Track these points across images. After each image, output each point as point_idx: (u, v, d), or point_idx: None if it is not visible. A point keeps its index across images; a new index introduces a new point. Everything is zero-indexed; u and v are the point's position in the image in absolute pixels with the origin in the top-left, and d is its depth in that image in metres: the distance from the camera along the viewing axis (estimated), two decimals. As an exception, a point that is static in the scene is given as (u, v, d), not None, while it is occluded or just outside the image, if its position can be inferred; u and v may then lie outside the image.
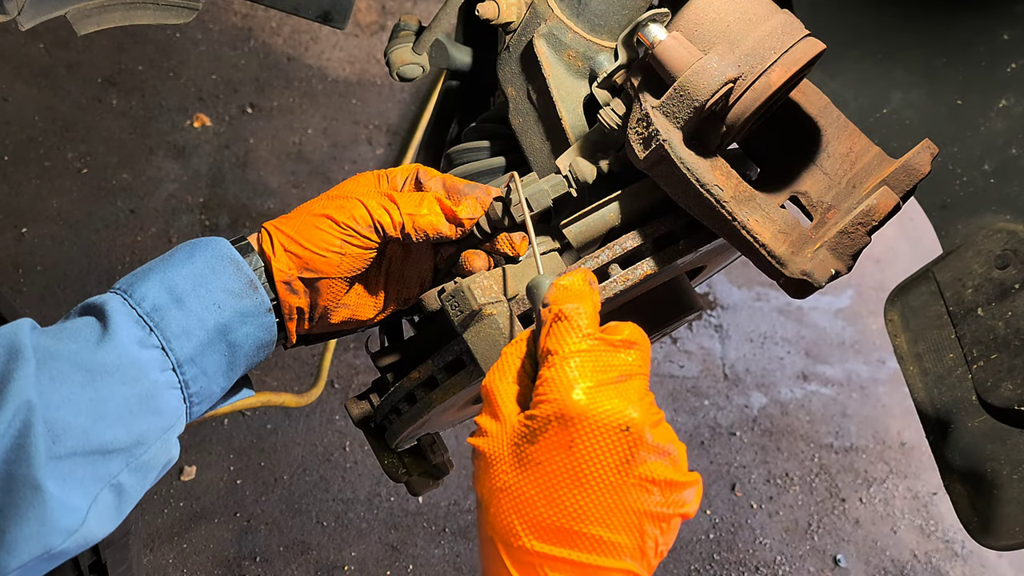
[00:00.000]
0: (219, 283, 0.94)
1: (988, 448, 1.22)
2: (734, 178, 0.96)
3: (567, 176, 1.04)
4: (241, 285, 0.95)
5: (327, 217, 0.98)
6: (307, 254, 0.98)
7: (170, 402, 0.91)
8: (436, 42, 1.17)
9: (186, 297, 0.92)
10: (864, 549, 2.82)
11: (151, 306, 0.91)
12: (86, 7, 1.11)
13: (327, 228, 0.98)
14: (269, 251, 0.98)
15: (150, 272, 0.94)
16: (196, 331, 0.92)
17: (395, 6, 3.33)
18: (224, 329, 0.94)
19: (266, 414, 2.59)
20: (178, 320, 0.91)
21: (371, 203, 0.99)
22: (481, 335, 0.93)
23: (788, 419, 3.00)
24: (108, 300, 0.91)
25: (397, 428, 1.13)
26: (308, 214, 0.99)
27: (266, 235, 0.99)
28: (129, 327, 0.89)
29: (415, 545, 2.51)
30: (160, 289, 0.92)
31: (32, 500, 0.80)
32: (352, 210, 0.98)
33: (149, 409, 0.88)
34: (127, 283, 0.93)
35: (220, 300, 0.93)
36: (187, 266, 0.94)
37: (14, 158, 2.71)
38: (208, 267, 0.95)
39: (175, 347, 0.91)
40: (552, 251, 1.09)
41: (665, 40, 0.93)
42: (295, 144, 2.97)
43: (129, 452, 0.87)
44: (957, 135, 1.28)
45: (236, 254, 0.97)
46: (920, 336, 1.30)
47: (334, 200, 1.00)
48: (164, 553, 2.35)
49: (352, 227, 0.98)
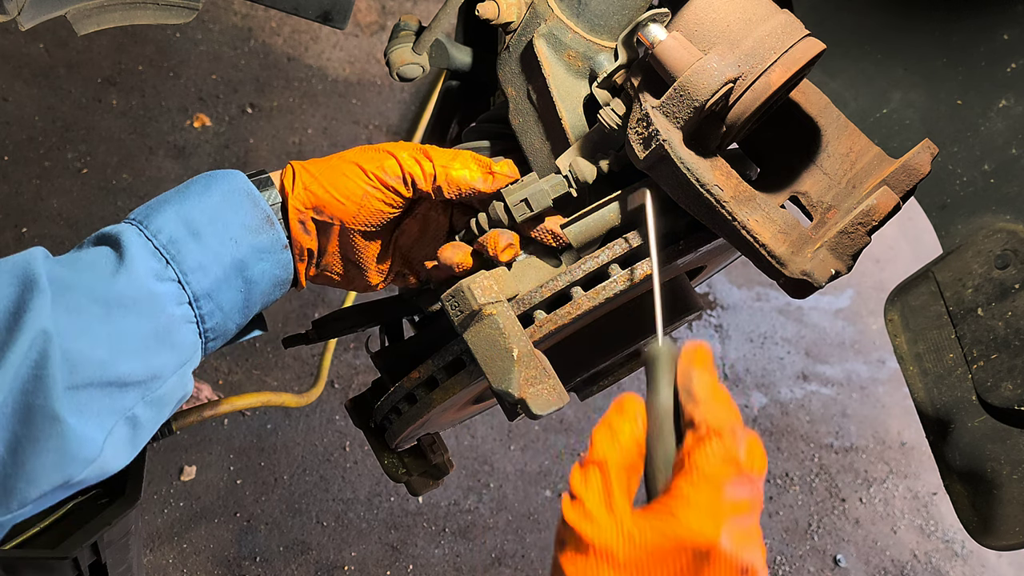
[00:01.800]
0: (236, 218, 0.93)
1: (988, 448, 1.22)
2: (734, 178, 0.96)
3: (567, 176, 1.04)
4: (258, 220, 0.94)
5: (356, 164, 0.97)
6: (327, 197, 0.97)
7: (186, 336, 0.90)
8: (436, 42, 1.17)
9: (203, 231, 0.91)
10: (864, 549, 2.82)
11: (167, 238, 0.89)
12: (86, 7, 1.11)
13: (352, 175, 0.97)
14: (289, 187, 0.97)
15: (166, 204, 0.92)
16: (212, 266, 0.90)
17: (395, 6, 3.33)
18: (241, 265, 0.92)
19: (266, 414, 2.59)
20: (195, 254, 0.89)
21: (403, 155, 0.97)
22: (481, 335, 0.93)
23: (788, 419, 3.00)
24: (124, 231, 0.89)
25: (397, 428, 1.13)
26: (339, 159, 0.98)
27: (289, 171, 0.98)
28: (146, 259, 0.87)
29: (415, 545, 2.51)
30: (176, 221, 0.90)
31: (51, 431, 0.79)
32: (382, 160, 0.97)
33: (165, 343, 0.87)
34: (142, 214, 0.91)
35: (237, 235, 0.92)
36: (204, 199, 0.93)
37: (14, 158, 2.71)
38: (225, 201, 0.93)
39: (191, 281, 0.89)
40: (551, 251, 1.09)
41: (665, 40, 0.93)
42: (295, 144, 2.97)
43: (145, 385, 0.86)
44: (957, 135, 1.28)
45: (253, 188, 0.95)
46: (920, 336, 1.30)
47: (367, 151, 0.99)
48: (164, 553, 2.35)
49: (379, 177, 0.97)
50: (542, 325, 0.99)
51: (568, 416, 2.81)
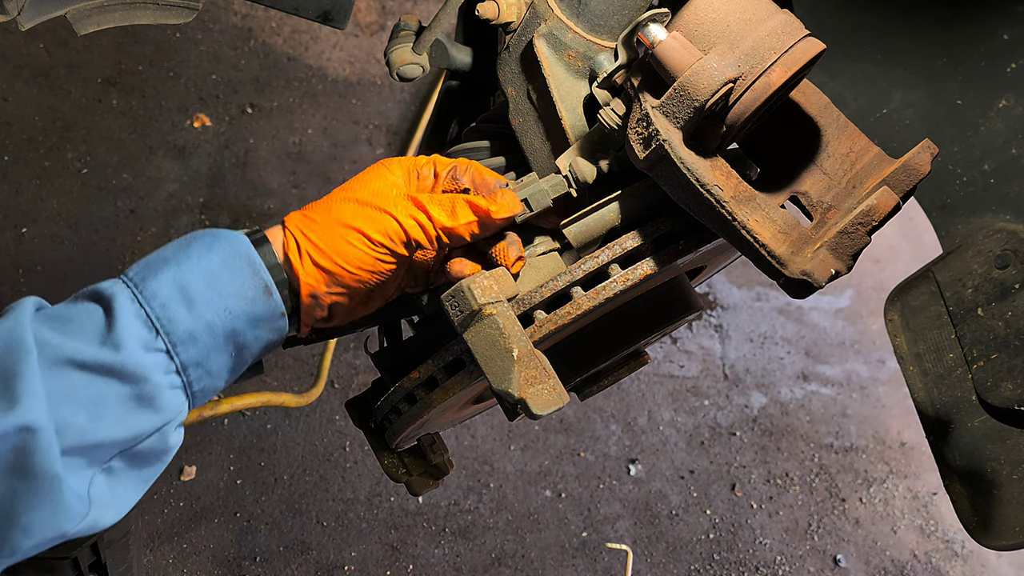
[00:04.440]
0: (234, 286, 0.91)
1: (988, 448, 1.22)
2: (734, 178, 0.96)
3: (567, 176, 1.04)
4: (256, 290, 0.92)
5: (359, 232, 0.95)
6: (338, 270, 0.96)
7: (171, 401, 0.90)
8: (436, 42, 1.17)
9: (197, 299, 0.90)
10: (864, 549, 2.82)
11: (160, 305, 0.89)
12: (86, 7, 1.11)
13: (359, 244, 0.95)
14: (296, 259, 0.95)
15: (164, 265, 0.91)
16: (204, 335, 0.90)
17: (395, 6, 3.33)
18: (233, 334, 0.92)
19: (266, 414, 2.59)
20: (186, 324, 0.89)
21: (403, 217, 0.96)
22: (481, 335, 0.93)
23: (788, 419, 3.00)
24: (117, 293, 0.89)
25: (397, 428, 1.13)
26: (338, 224, 0.96)
27: (292, 241, 0.96)
28: (136, 328, 0.87)
29: (415, 545, 2.51)
30: (172, 287, 0.89)
31: (49, 488, 0.81)
32: (384, 224, 0.96)
33: (148, 407, 0.88)
34: (140, 274, 0.91)
35: (232, 306, 0.91)
36: (203, 262, 0.91)
37: (14, 158, 2.71)
38: (224, 266, 0.92)
39: (181, 352, 0.89)
40: (552, 251, 1.09)
41: (665, 40, 0.93)
42: (295, 144, 2.97)
43: (124, 443, 0.87)
44: (957, 135, 1.28)
45: (255, 255, 0.93)
46: (920, 336, 1.30)
47: (364, 209, 0.96)
48: (164, 553, 2.35)
49: (386, 245, 0.96)
50: (542, 325, 0.99)
51: (568, 416, 2.81)
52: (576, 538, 2.63)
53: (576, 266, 1.00)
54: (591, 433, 2.80)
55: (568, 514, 2.66)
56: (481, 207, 0.98)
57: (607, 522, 2.67)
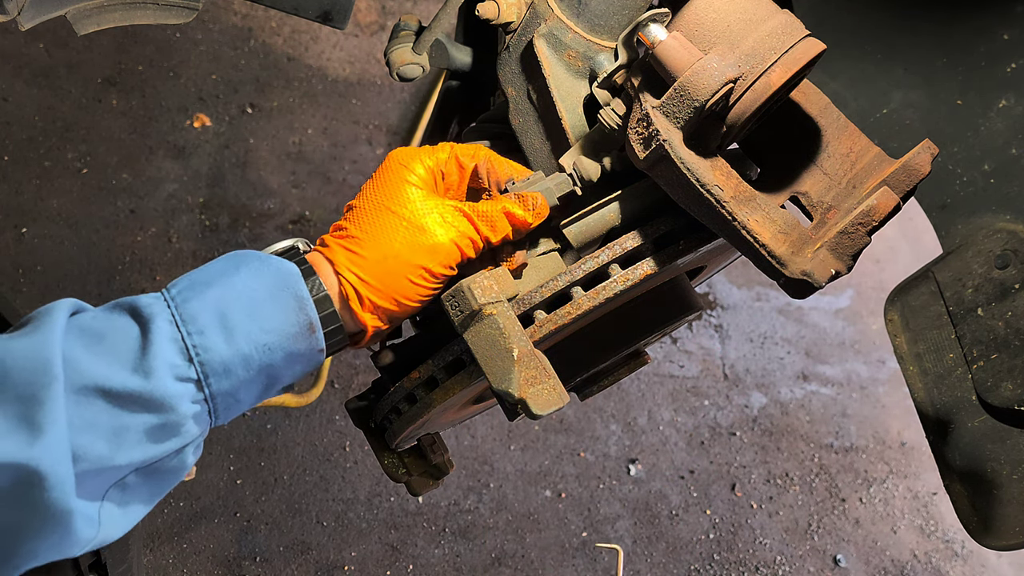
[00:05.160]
0: (276, 321, 0.88)
1: (988, 448, 1.22)
2: (734, 178, 0.96)
3: (572, 174, 1.04)
4: (300, 327, 0.90)
5: (424, 269, 0.95)
6: (402, 308, 0.96)
7: (194, 427, 0.88)
8: (436, 42, 1.17)
9: (237, 329, 0.86)
10: (864, 549, 2.82)
11: (198, 331, 0.85)
12: (86, 7, 1.11)
13: (423, 282, 0.96)
14: (358, 308, 0.94)
15: (208, 287, 0.88)
16: (239, 370, 0.87)
17: (395, 6, 3.33)
18: (268, 368, 0.89)
19: (266, 414, 2.59)
20: (222, 355, 0.86)
21: (459, 239, 0.96)
22: (481, 335, 0.93)
23: (788, 419, 3.00)
24: (156, 314, 0.85)
25: (397, 428, 1.13)
26: (396, 261, 0.94)
27: (351, 290, 0.94)
28: (169, 354, 0.84)
29: (415, 545, 2.51)
30: (212, 313, 0.86)
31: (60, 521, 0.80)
32: (447, 257, 0.96)
33: (171, 434, 0.86)
34: (183, 293, 0.87)
35: (272, 342, 0.88)
36: (248, 290, 0.88)
37: (14, 158, 2.71)
38: (270, 297, 0.89)
39: (213, 383, 0.86)
40: (552, 251, 1.09)
41: (665, 40, 0.93)
42: (295, 144, 2.97)
43: (142, 463, 0.86)
44: (957, 135, 1.28)
45: (303, 290, 0.90)
46: (920, 336, 1.30)
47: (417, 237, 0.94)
48: (164, 553, 2.35)
49: (446, 274, 0.97)
50: (542, 325, 0.99)
51: (568, 416, 2.81)
52: (576, 538, 2.63)
53: (576, 266, 1.00)
54: (591, 433, 2.80)
55: (568, 514, 2.66)
56: (518, 218, 0.99)
57: (607, 522, 2.67)
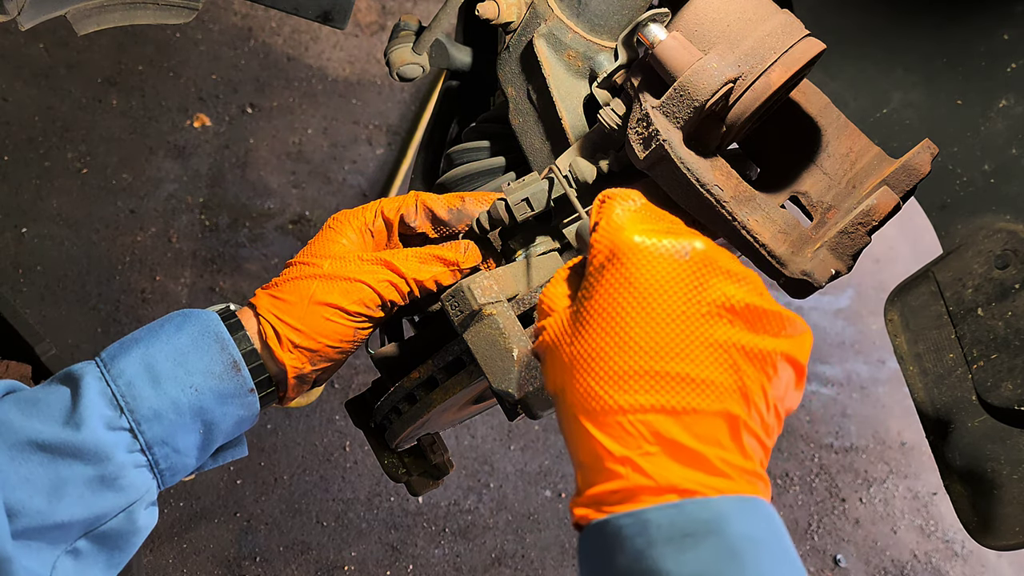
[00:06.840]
0: (201, 363, 0.92)
1: (988, 448, 1.22)
2: (734, 178, 0.96)
3: (567, 176, 1.04)
4: (223, 366, 0.93)
5: (336, 308, 0.96)
6: (322, 348, 0.97)
7: (136, 480, 0.90)
8: (436, 42, 1.17)
9: (163, 376, 0.90)
10: (864, 549, 2.82)
11: (126, 383, 0.89)
12: (86, 7, 1.11)
13: (338, 319, 0.97)
14: (276, 346, 0.96)
15: (135, 344, 0.92)
16: (169, 414, 0.90)
17: (395, 6, 3.33)
18: (200, 411, 0.92)
19: (266, 414, 2.59)
20: (151, 402, 0.89)
21: (376, 282, 0.97)
22: (481, 335, 0.93)
23: (788, 419, 3.00)
24: (86, 373, 0.89)
25: (397, 428, 1.13)
26: (312, 303, 0.96)
27: (268, 328, 0.97)
28: (99, 407, 0.87)
29: (415, 545, 2.51)
30: (139, 365, 0.90)
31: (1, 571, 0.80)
32: (360, 295, 0.97)
33: (111, 487, 0.88)
34: (112, 353, 0.92)
35: (199, 383, 0.92)
36: (172, 341, 0.92)
37: (14, 158, 2.71)
38: (192, 344, 0.93)
39: (145, 430, 0.89)
40: (552, 251, 1.09)
41: (665, 40, 0.93)
42: (295, 144, 2.97)
43: (87, 524, 0.87)
44: (957, 135, 1.28)
45: (224, 331, 0.95)
46: (920, 336, 1.30)
47: (336, 283, 0.97)
48: (164, 553, 2.35)
49: (364, 313, 0.97)
50: (542, 325, 0.99)
51: (568, 416, 2.81)
52: (576, 538, 2.62)
53: (576, 266, 1.00)
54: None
55: (568, 514, 2.66)
56: (449, 259, 1.01)
57: (607, 522, 2.67)
